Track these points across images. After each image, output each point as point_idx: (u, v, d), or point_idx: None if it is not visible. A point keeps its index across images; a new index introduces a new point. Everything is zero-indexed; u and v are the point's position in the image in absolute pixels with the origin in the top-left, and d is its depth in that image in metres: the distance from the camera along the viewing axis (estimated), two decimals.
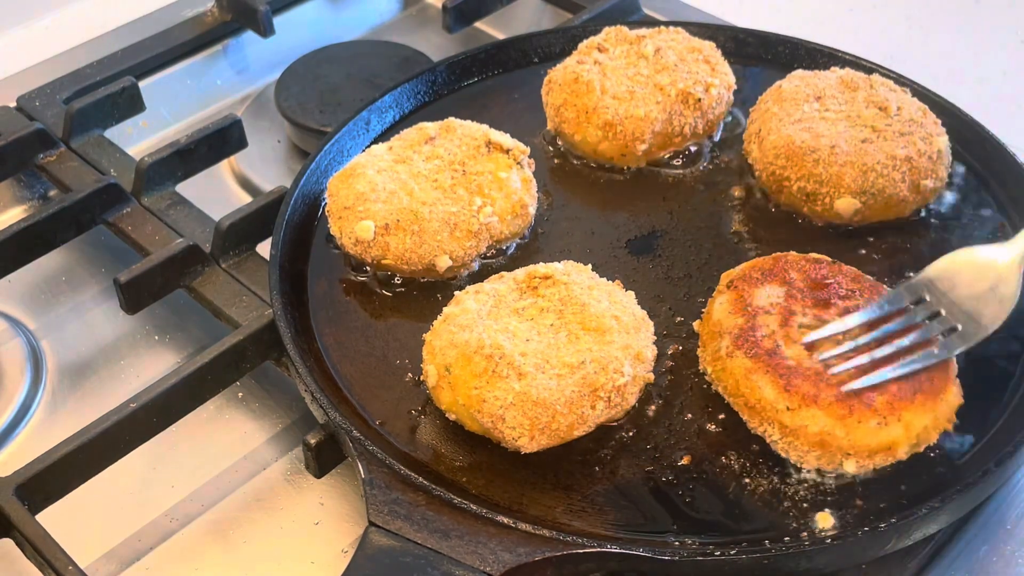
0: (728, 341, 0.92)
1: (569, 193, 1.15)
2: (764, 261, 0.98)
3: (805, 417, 0.86)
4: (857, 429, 0.86)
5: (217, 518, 0.97)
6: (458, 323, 0.92)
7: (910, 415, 0.86)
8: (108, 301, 1.15)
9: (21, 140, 1.22)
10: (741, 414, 0.92)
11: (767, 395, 0.88)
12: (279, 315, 0.99)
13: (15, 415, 1.05)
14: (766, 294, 0.94)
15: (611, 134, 1.14)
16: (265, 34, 1.41)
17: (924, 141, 1.07)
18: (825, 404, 0.86)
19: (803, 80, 1.14)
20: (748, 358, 0.90)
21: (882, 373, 0.86)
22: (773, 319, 0.92)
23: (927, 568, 0.89)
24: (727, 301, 0.95)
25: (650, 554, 0.83)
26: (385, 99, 1.22)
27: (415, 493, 0.86)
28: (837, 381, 0.87)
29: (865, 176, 1.05)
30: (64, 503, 0.92)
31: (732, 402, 0.92)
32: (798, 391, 0.87)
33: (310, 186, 1.13)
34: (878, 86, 1.13)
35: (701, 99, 1.14)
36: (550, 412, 0.87)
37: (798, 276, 0.96)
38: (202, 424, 1.03)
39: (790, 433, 0.88)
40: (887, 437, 0.86)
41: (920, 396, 0.87)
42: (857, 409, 0.86)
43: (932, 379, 0.88)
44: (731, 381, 0.91)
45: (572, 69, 1.17)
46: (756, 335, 0.91)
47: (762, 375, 0.89)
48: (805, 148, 1.07)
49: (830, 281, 0.95)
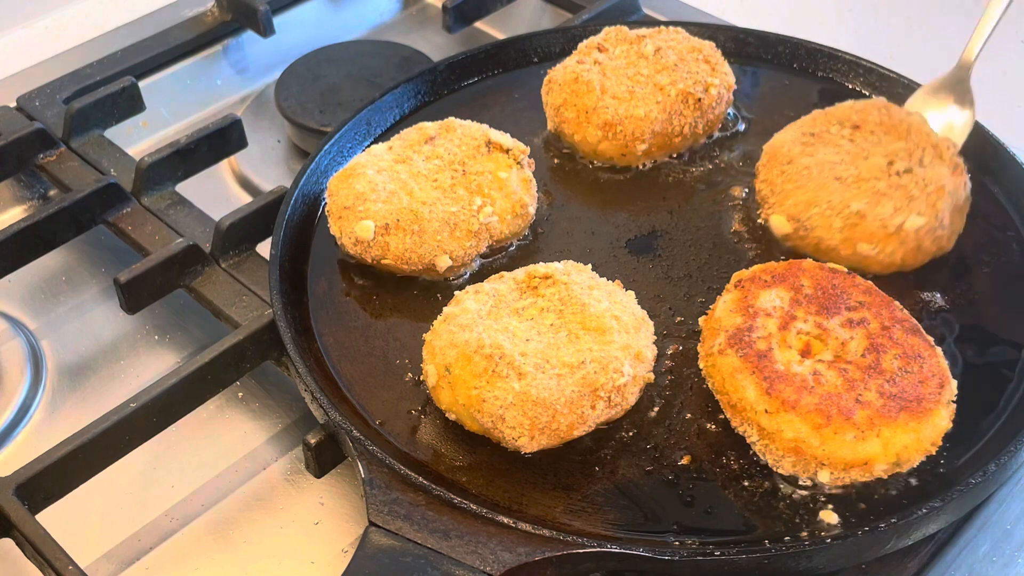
0: (723, 338, 0.92)
1: (569, 193, 1.15)
2: (778, 265, 0.97)
3: (782, 422, 0.86)
4: (832, 440, 0.85)
5: (217, 518, 0.97)
6: (458, 323, 0.92)
7: (890, 432, 0.85)
8: (108, 301, 1.15)
9: (21, 140, 1.22)
10: (725, 411, 0.92)
11: (748, 396, 0.88)
12: (279, 315, 0.99)
13: (15, 415, 1.05)
14: (771, 297, 0.94)
15: (611, 134, 1.14)
16: (265, 34, 1.41)
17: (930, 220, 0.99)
18: (803, 411, 0.85)
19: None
20: (738, 357, 0.90)
21: None
22: (772, 322, 0.92)
23: (927, 568, 0.89)
24: (731, 300, 0.95)
25: (650, 554, 0.83)
26: (385, 99, 1.22)
27: (415, 493, 0.86)
28: (822, 391, 0.87)
29: (807, 208, 1.01)
30: (64, 503, 0.92)
31: (718, 399, 0.92)
32: (779, 395, 0.86)
33: (310, 186, 1.13)
34: (935, 154, 1.03)
35: (701, 99, 1.14)
36: (550, 412, 0.87)
37: (809, 283, 0.95)
38: (202, 424, 1.03)
39: (767, 436, 0.87)
40: (863, 452, 0.85)
41: (904, 415, 0.85)
42: (835, 419, 0.85)
43: (921, 399, 0.87)
44: (719, 377, 0.91)
45: (572, 69, 1.17)
46: (751, 336, 0.91)
47: (747, 375, 0.89)
48: (785, 156, 1.05)
49: (841, 292, 0.94)
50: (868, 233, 1.00)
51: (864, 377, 0.87)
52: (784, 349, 0.90)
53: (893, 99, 1.22)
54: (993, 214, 1.10)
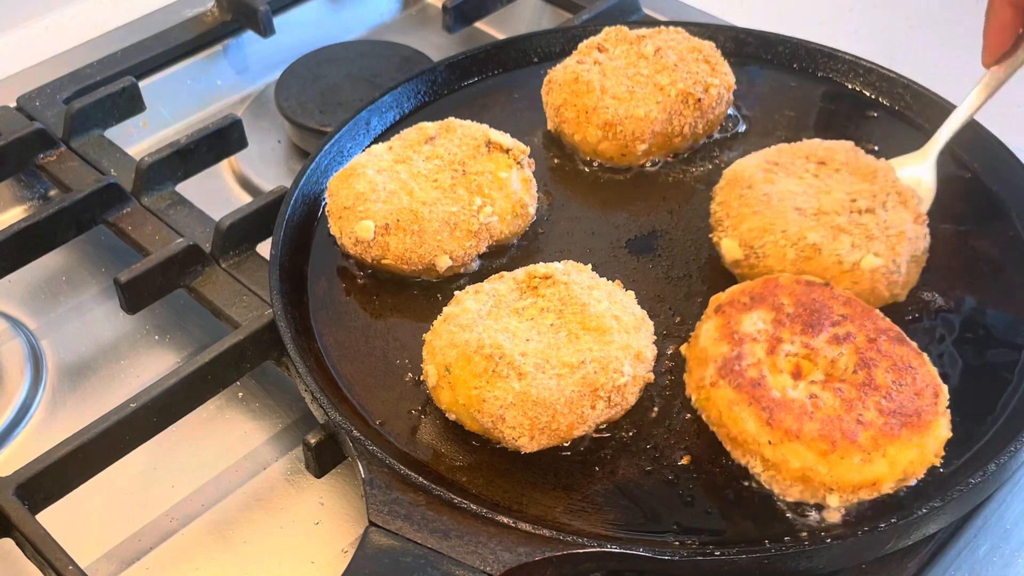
0: (713, 370, 0.90)
1: (569, 193, 1.15)
2: (754, 285, 0.95)
3: (787, 452, 0.85)
4: (840, 465, 0.84)
5: (217, 518, 0.97)
6: (458, 323, 0.92)
7: (895, 450, 0.84)
8: (108, 301, 1.15)
9: (21, 140, 1.22)
10: (724, 445, 0.90)
11: (749, 428, 0.86)
12: (279, 315, 0.99)
13: (15, 415, 1.05)
14: (753, 320, 0.92)
15: (611, 134, 1.14)
16: (265, 34, 1.41)
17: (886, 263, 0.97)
18: (808, 439, 0.84)
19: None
20: (732, 389, 0.88)
21: None
22: (760, 347, 0.90)
23: (927, 568, 0.89)
24: (714, 327, 0.93)
25: (650, 554, 0.83)
26: (385, 99, 1.22)
27: (415, 493, 0.86)
28: (822, 415, 0.86)
29: (758, 235, 0.99)
30: (64, 503, 0.92)
31: (716, 432, 0.90)
32: (781, 425, 0.85)
33: (310, 186, 1.13)
34: (900, 201, 1.01)
35: (701, 99, 1.14)
36: (550, 412, 0.87)
37: (788, 301, 0.93)
38: (202, 424, 1.03)
39: (772, 467, 0.86)
40: (871, 473, 0.84)
41: (906, 431, 0.85)
42: (840, 444, 0.84)
43: (920, 413, 0.86)
44: (715, 411, 0.89)
45: (572, 69, 1.17)
46: (741, 364, 0.89)
47: (745, 407, 0.87)
48: (745, 181, 1.03)
49: (821, 306, 0.92)
50: (822, 268, 0.96)
51: (860, 395, 0.86)
52: (776, 374, 0.88)
53: (893, 100, 1.22)
54: (993, 214, 1.10)
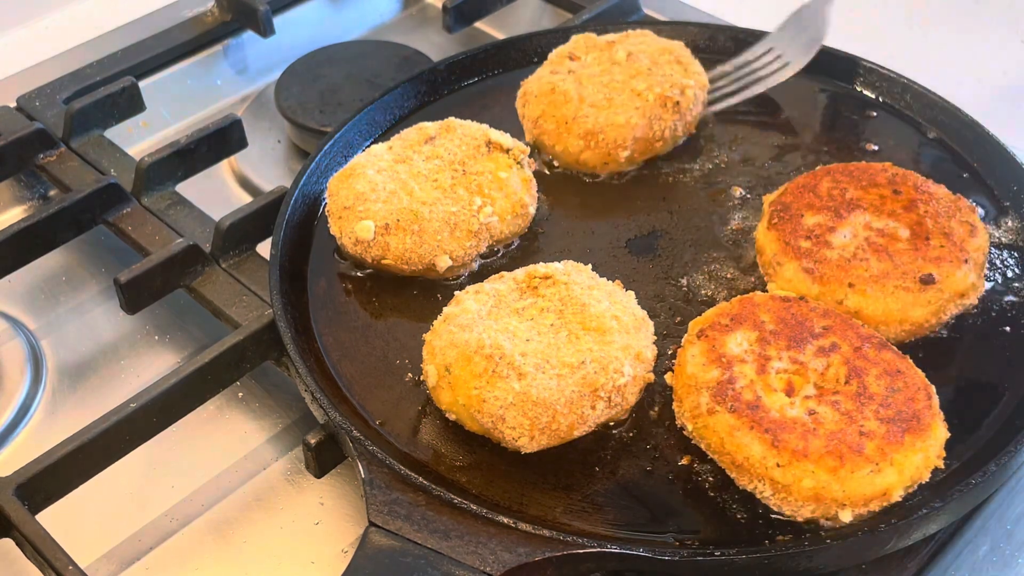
0: (707, 397, 0.88)
1: (569, 193, 1.15)
2: (731, 306, 0.95)
3: (797, 472, 0.83)
4: (851, 479, 0.83)
5: (217, 518, 0.97)
6: (458, 323, 0.92)
7: (901, 456, 0.84)
8: (108, 301, 1.15)
9: (21, 140, 1.22)
10: (728, 472, 0.88)
11: (755, 452, 0.85)
12: (279, 315, 0.99)
13: (15, 415, 1.05)
14: (738, 341, 0.91)
15: (593, 143, 1.13)
16: (265, 34, 1.41)
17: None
18: (816, 457, 0.83)
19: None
20: (730, 414, 0.86)
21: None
22: (749, 367, 0.89)
23: (927, 568, 0.89)
24: (699, 352, 0.91)
25: (650, 554, 0.83)
26: (385, 99, 1.23)
27: (415, 493, 0.86)
28: (824, 431, 0.85)
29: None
30: (64, 503, 0.92)
31: (718, 460, 0.89)
32: (787, 446, 0.84)
33: (310, 186, 1.13)
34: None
35: (679, 102, 1.14)
36: (550, 412, 0.87)
37: (768, 318, 0.92)
38: (202, 424, 1.03)
39: (783, 489, 0.85)
40: (882, 483, 0.84)
41: (909, 436, 0.85)
42: (848, 458, 0.83)
43: (919, 416, 0.86)
44: (715, 439, 0.88)
45: (547, 79, 1.17)
46: (735, 388, 0.88)
47: (747, 431, 0.85)
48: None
49: (802, 320, 0.92)
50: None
51: (857, 406, 0.86)
52: (770, 393, 0.88)
53: (893, 99, 1.22)
54: (994, 214, 1.10)
